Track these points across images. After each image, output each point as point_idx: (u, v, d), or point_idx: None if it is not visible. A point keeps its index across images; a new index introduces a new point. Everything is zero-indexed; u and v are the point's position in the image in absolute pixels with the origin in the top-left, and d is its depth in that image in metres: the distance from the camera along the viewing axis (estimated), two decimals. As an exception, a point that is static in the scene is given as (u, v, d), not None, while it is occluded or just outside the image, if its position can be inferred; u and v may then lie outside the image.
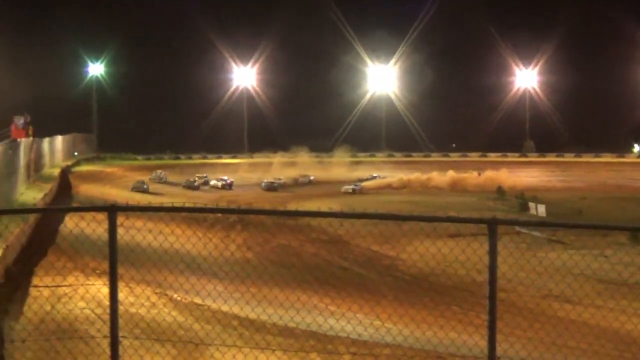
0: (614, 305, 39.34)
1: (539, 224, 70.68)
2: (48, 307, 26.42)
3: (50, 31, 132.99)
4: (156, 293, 31.39)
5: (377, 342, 30.15)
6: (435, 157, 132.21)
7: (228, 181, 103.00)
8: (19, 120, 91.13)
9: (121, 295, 9.78)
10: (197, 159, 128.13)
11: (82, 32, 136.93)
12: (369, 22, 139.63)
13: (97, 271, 32.62)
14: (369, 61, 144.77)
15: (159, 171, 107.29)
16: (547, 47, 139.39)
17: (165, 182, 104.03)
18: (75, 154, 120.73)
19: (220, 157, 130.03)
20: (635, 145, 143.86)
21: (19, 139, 74.24)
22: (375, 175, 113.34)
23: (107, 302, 9.47)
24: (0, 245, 33.47)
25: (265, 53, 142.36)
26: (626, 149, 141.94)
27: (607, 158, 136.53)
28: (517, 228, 62.15)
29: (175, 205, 12.23)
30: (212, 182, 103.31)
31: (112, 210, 9.78)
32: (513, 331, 31.75)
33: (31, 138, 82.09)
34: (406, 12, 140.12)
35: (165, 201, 70.77)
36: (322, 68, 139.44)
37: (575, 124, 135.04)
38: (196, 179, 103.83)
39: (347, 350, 25.32)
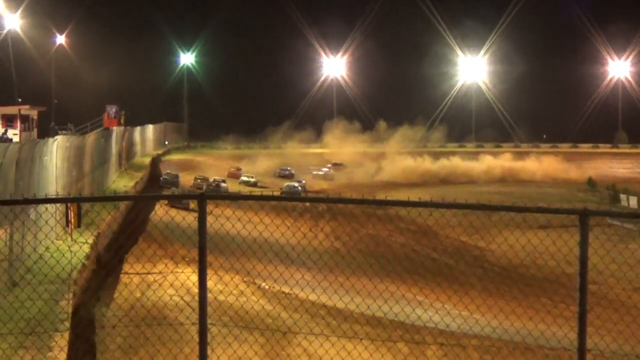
0: None
1: (632, 215, 69.75)
2: (138, 294, 26.72)
3: (142, 22, 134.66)
4: (244, 281, 31.58)
5: (465, 333, 30.00)
6: (525, 147, 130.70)
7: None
8: (111, 110, 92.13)
9: (210, 283, 9.81)
10: (286, 148, 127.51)
11: (174, 23, 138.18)
12: (459, 11, 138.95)
13: (186, 259, 32.91)
14: (459, 51, 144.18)
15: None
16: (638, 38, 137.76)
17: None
18: (166, 142, 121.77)
19: (309, 147, 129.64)
20: None
21: (111, 128, 75.05)
22: (338, 162, 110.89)
23: (195, 290, 9.52)
24: (92, 232, 33.86)
25: (355, 43, 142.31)
26: None
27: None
28: (609, 220, 61.33)
29: (264, 194, 12.25)
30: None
31: (202, 198, 9.81)
32: (604, 324, 31.32)
33: (123, 127, 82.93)
34: (496, 2, 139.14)
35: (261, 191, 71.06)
36: (411, 59, 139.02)
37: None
38: (288, 168, 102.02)
39: (434, 341, 25.25)
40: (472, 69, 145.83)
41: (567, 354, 24.97)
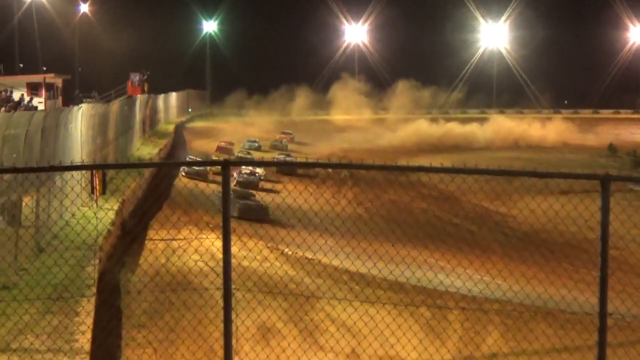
0: None
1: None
2: (163, 260, 26.85)
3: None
4: (268, 247, 31.69)
5: (486, 298, 30.04)
6: (547, 113, 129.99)
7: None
8: (135, 77, 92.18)
9: (234, 249, 9.83)
10: (294, 115, 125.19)
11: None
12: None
13: (210, 225, 33.03)
14: (480, 18, 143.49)
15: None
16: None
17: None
18: (189, 110, 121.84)
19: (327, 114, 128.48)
20: None
21: (134, 96, 75.13)
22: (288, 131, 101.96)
23: (220, 255, 9.54)
24: (117, 199, 33.99)
25: (377, 10, 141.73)
26: None
27: None
28: (630, 185, 61.12)
29: (287, 160, 12.25)
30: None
31: (226, 165, 9.78)
32: (625, 288, 31.30)
33: (146, 95, 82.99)
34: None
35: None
36: (432, 26, 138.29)
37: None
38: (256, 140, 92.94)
39: (456, 305, 25.29)
40: (494, 35, 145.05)
41: (589, 318, 24.96)
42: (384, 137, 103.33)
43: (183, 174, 52.59)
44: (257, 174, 56.60)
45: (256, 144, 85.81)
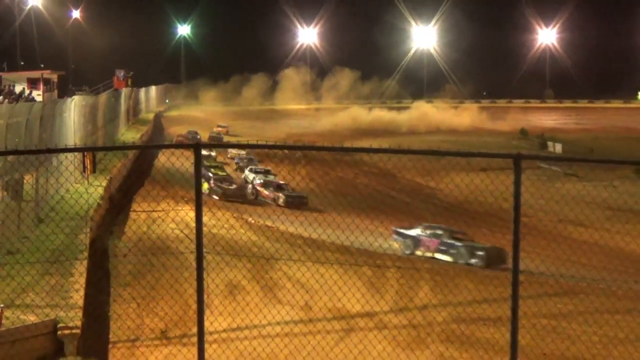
0: (620, 228, 39.11)
1: (558, 159, 70.17)
2: (145, 228, 26.73)
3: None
4: (234, 217, 31.63)
5: (418, 258, 30.23)
6: (468, 103, 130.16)
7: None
8: (120, 73, 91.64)
9: (205, 219, 9.84)
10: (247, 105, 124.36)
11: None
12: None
13: (185, 199, 32.86)
14: (412, 21, 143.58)
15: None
16: (565, 9, 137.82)
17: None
18: (167, 101, 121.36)
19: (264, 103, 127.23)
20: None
21: (120, 89, 74.64)
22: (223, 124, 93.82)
23: (193, 224, 9.53)
24: (105, 177, 33.81)
25: (327, 14, 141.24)
26: (632, 96, 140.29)
27: (617, 104, 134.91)
28: (539, 163, 61.63)
29: (250, 142, 12.21)
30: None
31: (197, 147, 9.82)
32: (534, 250, 31.67)
33: (130, 88, 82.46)
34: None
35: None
36: (372, 25, 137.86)
37: (590, 74, 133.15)
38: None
39: (393, 264, 25.39)
40: (425, 35, 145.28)
41: (504, 274, 25.18)
42: (324, 123, 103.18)
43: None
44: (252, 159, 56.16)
45: (198, 136, 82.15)
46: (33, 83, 65.62)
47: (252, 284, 20.10)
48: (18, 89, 59.93)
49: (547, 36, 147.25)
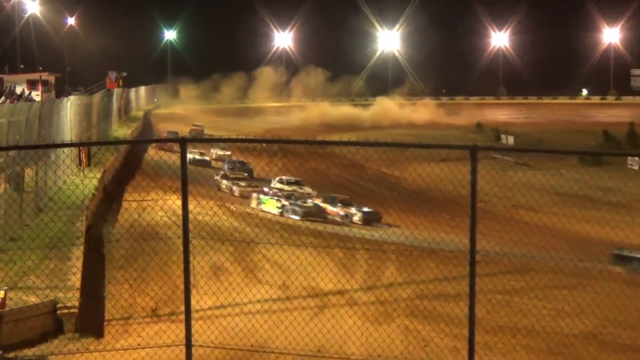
0: (566, 212, 39.36)
1: (510, 150, 70.64)
2: (136, 216, 26.63)
3: (135, 6, 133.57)
4: (217, 205, 31.57)
5: (385, 241, 30.29)
6: (428, 100, 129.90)
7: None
8: (112, 75, 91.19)
9: (191, 207, 9.79)
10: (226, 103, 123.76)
11: (160, 6, 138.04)
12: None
13: (172, 189, 32.73)
14: (377, 25, 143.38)
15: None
16: (516, 15, 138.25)
17: None
18: (155, 100, 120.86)
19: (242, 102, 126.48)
20: (583, 90, 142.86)
21: (112, 89, 74.28)
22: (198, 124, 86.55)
23: (180, 212, 9.50)
24: (99, 169, 33.65)
25: (301, 19, 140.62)
26: (576, 93, 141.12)
27: (562, 100, 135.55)
28: (493, 154, 61.88)
29: (231, 137, 12.18)
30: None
31: (183, 141, 9.80)
32: (489, 232, 31.65)
33: (121, 88, 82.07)
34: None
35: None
36: (337, 32, 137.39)
37: (538, 73, 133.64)
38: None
39: (362, 247, 25.43)
40: (390, 38, 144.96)
41: (462, 254, 25.26)
42: (295, 119, 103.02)
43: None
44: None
45: (178, 135, 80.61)
46: (32, 84, 65.23)
47: (234, 266, 20.08)
48: (18, 90, 59.54)
49: (500, 39, 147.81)
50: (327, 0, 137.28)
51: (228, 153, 54.94)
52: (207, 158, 53.51)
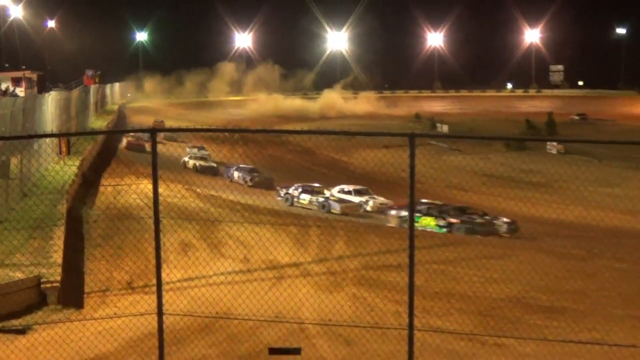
0: (494, 191, 39.81)
1: (445, 136, 71.09)
2: (112, 199, 26.40)
3: (110, 10, 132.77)
4: (185, 188, 31.39)
5: (335, 219, 30.38)
6: (370, 93, 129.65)
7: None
8: (89, 72, 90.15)
9: (161, 190, 9.72)
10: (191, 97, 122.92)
11: (131, 9, 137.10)
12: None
13: (144, 174, 32.50)
14: (327, 27, 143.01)
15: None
16: (449, 16, 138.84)
17: None
18: (128, 95, 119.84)
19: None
20: (508, 84, 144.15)
21: (89, 85, 73.42)
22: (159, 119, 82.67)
23: (151, 195, 9.42)
24: (78, 158, 33.29)
25: (260, 21, 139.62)
26: (502, 86, 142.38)
27: (490, 93, 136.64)
28: (429, 140, 62.30)
29: (196, 127, 12.13)
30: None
31: (153, 131, 9.71)
32: (426, 210, 31.97)
33: (98, 84, 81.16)
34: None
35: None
36: (292, 33, 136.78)
37: (469, 69, 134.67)
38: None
39: (314, 224, 25.47)
40: (339, 37, 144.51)
41: (402, 229, 25.46)
42: (250, 111, 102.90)
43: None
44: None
45: (164, 124, 78.97)
46: (16, 82, 64.24)
47: (201, 242, 20.00)
48: (3, 86, 58.63)
49: (435, 39, 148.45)
50: (284, 4, 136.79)
51: (206, 153, 51.75)
52: (214, 164, 48.27)
